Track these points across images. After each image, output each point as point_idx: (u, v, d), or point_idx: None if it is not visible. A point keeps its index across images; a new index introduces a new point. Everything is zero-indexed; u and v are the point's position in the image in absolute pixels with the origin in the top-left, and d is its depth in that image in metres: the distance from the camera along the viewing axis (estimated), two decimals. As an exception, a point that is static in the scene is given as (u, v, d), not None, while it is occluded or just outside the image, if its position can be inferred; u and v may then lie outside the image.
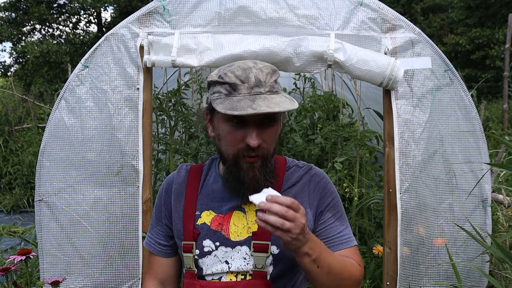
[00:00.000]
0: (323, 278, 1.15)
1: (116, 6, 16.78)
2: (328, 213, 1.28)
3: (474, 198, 1.87)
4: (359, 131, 2.69)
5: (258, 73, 1.16)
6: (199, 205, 1.29)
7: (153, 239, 1.37)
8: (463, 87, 1.89)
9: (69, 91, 1.90)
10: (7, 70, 16.53)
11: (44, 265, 1.91)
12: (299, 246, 1.07)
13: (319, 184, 1.30)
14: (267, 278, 1.21)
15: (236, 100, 1.12)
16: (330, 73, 3.07)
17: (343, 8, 1.85)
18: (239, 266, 1.22)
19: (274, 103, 1.13)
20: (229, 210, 1.26)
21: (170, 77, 3.35)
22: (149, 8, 1.88)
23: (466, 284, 1.86)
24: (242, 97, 1.13)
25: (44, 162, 1.90)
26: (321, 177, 1.32)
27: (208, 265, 1.24)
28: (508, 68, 5.51)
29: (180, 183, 1.33)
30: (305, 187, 1.29)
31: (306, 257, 1.10)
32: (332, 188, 1.32)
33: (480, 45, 13.91)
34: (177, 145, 2.89)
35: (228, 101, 1.13)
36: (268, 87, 1.16)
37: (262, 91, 1.14)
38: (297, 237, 1.04)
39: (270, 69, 1.19)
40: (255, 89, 1.14)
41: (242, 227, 1.24)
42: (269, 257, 1.22)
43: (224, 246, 1.24)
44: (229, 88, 1.15)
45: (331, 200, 1.30)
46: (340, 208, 1.31)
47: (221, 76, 1.17)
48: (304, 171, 1.32)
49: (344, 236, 1.28)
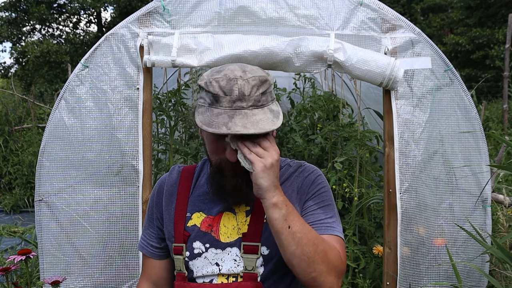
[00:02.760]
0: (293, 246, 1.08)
1: (116, 6, 16.78)
2: (311, 201, 1.24)
3: (474, 198, 1.87)
4: (359, 131, 2.69)
5: (244, 86, 1.10)
6: (190, 207, 1.28)
7: (146, 241, 1.36)
8: (463, 87, 1.89)
9: (69, 91, 1.90)
10: (7, 71, 16.53)
11: (44, 265, 1.91)
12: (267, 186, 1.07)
13: (307, 178, 1.28)
14: (258, 279, 1.21)
15: (215, 114, 1.10)
16: (330, 73, 3.07)
17: (343, 8, 1.85)
18: (230, 268, 1.21)
19: (252, 122, 1.08)
20: (219, 211, 1.26)
21: (170, 77, 3.35)
22: (149, 8, 1.88)
23: (466, 284, 1.86)
24: (222, 110, 1.09)
25: (44, 162, 1.90)
26: (310, 171, 1.29)
27: (199, 267, 1.23)
28: (508, 68, 5.51)
29: (172, 184, 1.33)
30: (293, 183, 1.27)
31: (275, 209, 1.08)
32: (320, 180, 1.28)
33: (480, 45, 13.91)
34: (177, 145, 2.89)
35: (208, 113, 1.11)
36: (252, 101, 1.10)
37: (244, 105, 1.10)
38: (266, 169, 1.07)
39: (259, 80, 1.13)
40: (237, 103, 1.09)
41: (232, 229, 1.24)
42: (259, 258, 1.21)
43: (214, 248, 1.23)
44: (212, 98, 1.12)
45: (317, 190, 1.26)
46: (326, 199, 1.26)
47: (207, 83, 1.13)
48: (294, 168, 1.31)
49: (326, 224, 1.21)
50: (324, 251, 1.11)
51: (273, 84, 1.20)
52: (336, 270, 1.13)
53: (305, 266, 1.09)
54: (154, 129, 2.88)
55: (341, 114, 2.92)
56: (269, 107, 1.14)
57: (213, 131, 1.07)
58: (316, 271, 1.09)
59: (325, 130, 2.83)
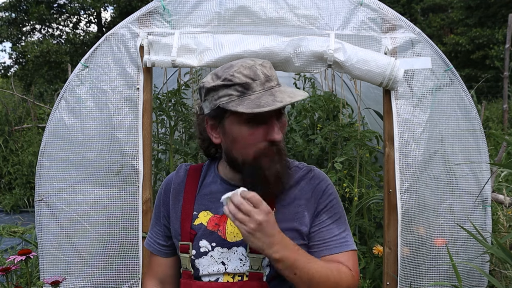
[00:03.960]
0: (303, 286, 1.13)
1: (116, 6, 16.78)
2: (324, 215, 1.25)
3: (474, 198, 1.87)
4: (359, 131, 2.69)
5: (263, 69, 1.16)
6: (196, 206, 1.28)
7: (153, 239, 1.37)
8: (463, 87, 1.89)
9: (69, 91, 1.91)
10: (7, 71, 16.54)
11: (44, 265, 1.91)
12: (260, 246, 1.08)
13: (318, 186, 1.27)
14: (264, 279, 1.21)
15: (254, 98, 1.11)
16: (330, 73, 3.07)
17: (343, 8, 1.85)
18: (236, 267, 1.22)
19: (290, 93, 1.14)
20: None
21: (170, 77, 3.35)
22: (149, 8, 1.88)
23: (466, 284, 1.86)
24: (259, 94, 1.12)
25: (44, 162, 1.90)
26: (320, 179, 1.29)
27: (205, 265, 1.24)
28: (508, 68, 5.51)
29: (179, 183, 1.33)
30: (303, 189, 1.26)
31: (278, 263, 1.10)
32: (331, 190, 1.28)
33: (480, 45, 13.92)
34: (177, 145, 2.89)
35: (246, 101, 1.11)
36: (275, 80, 1.17)
37: (273, 84, 1.15)
38: (252, 232, 1.06)
39: (269, 63, 1.20)
40: (267, 84, 1.14)
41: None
42: (265, 258, 1.21)
43: (220, 246, 1.23)
44: (241, 89, 1.12)
45: (329, 202, 1.26)
46: (339, 211, 1.27)
47: (228, 78, 1.13)
48: (303, 172, 1.30)
49: (340, 239, 1.23)
50: (336, 283, 1.15)
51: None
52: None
53: None
54: (154, 129, 2.88)
55: (341, 114, 2.93)
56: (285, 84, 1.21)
57: (270, 108, 1.08)
58: None
59: (325, 130, 2.83)
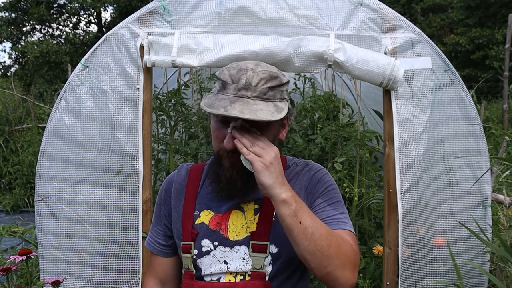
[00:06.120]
0: (305, 241, 1.06)
1: (116, 6, 16.79)
2: (319, 199, 1.24)
3: (474, 198, 1.87)
4: (359, 131, 2.69)
5: (252, 77, 1.14)
6: (198, 205, 1.29)
7: (153, 239, 1.37)
8: (463, 87, 1.89)
9: (69, 91, 1.91)
10: (7, 71, 16.53)
11: (44, 265, 1.91)
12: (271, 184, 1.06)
13: (315, 175, 1.28)
14: (266, 278, 1.21)
15: (219, 99, 1.13)
16: (330, 73, 3.07)
17: (343, 8, 1.85)
18: (238, 266, 1.22)
19: (250, 109, 1.09)
20: (227, 209, 1.26)
21: (170, 77, 3.35)
22: (149, 8, 1.88)
23: (466, 283, 1.86)
24: (226, 96, 1.13)
25: (44, 162, 1.90)
26: (317, 170, 1.30)
27: (207, 265, 1.23)
28: (508, 68, 5.51)
29: (180, 182, 1.33)
30: (300, 181, 1.28)
31: (285, 205, 1.06)
32: (327, 178, 1.28)
33: (480, 45, 13.92)
34: (177, 145, 2.89)
35: (213, 98, 1.15)
36: (257, 92, 1.13)
37: (248, 95, 1.12)
38: (268, 165, 1.06)
39: (268, 74, 1.16)
40: (241, 92, 1.13)
41: (240, 227, 1.24)
42: (268, 257, 1.21)
43: (223, 246, 1.23)
44: (220, 85, 1.17)
45: (325, 188, 1.26)
46: (334, 196, 1.26)
47: (220, 72, 1.19)
48: (300, 167, 1.31)
49: (337, 219, 1.21)
50: (338, 245, 1.10)
51: (286, 84, 1.21)
52: (351, 263, 1.12)
53: (319, 261, 1.07)
54: (154, 129, 2.88)
55: (341, 114, 2.93)
56: (275, 103, 1.15)
57: (211, 111, 1.10)
58: (331, 266, 1.08)
59: (325, 130, 2.83)
